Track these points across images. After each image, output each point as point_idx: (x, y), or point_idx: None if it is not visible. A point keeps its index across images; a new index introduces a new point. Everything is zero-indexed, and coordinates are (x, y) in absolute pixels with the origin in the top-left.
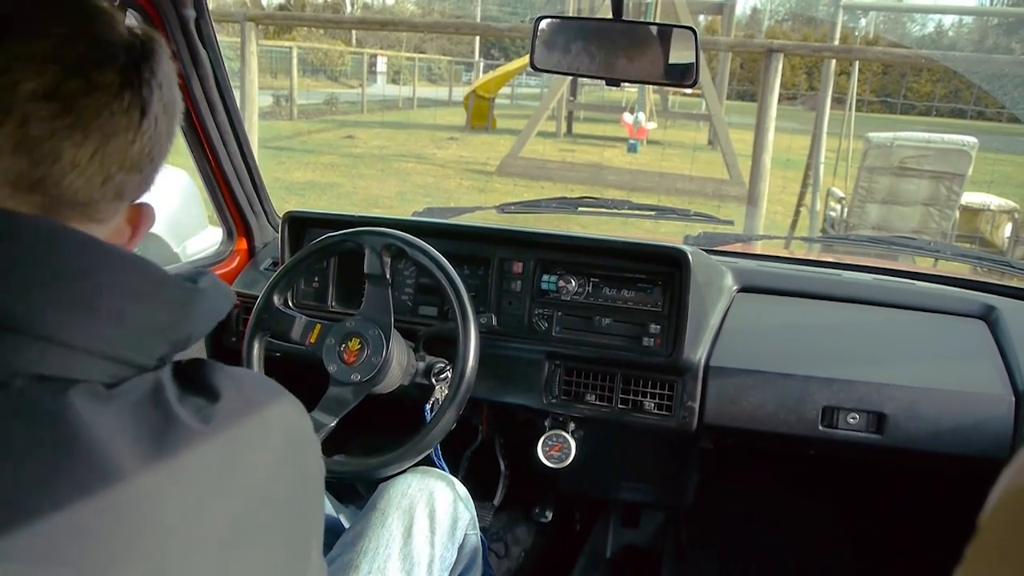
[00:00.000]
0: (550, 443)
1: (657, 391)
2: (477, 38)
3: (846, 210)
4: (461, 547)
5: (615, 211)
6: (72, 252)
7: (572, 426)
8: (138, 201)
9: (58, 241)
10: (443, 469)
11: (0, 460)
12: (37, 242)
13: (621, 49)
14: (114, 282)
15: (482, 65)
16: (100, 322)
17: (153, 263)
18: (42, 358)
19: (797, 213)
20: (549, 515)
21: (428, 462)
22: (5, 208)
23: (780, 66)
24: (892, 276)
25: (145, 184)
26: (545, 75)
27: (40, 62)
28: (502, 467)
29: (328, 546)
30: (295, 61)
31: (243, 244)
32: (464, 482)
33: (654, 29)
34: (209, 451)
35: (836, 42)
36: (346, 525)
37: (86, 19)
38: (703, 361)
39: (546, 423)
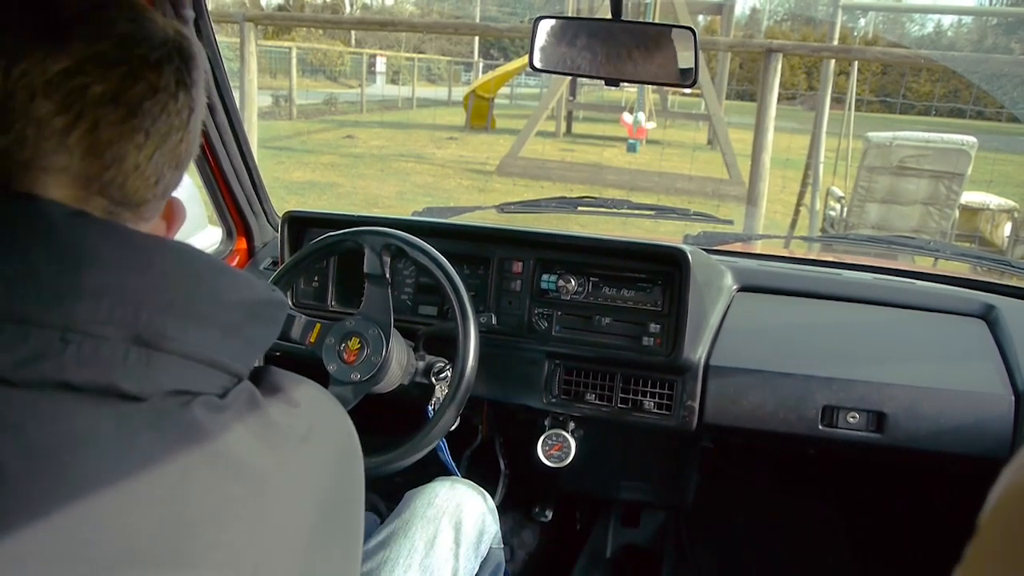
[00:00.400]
0: (550, 442)
1: (657, 390)
2: (476, 38)
3: (846, 209)
4: (485, 561)
5: (615, 211)
6: (205, 272)
7: (572, 425)
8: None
9: (194, 261)
10: (451, 467)
11: (138, 469)
12: (176, 264)
13: (620, 49)
14: (237, 300)
15: (481, 65)
16: (227, 339)
17: (256, 280)
18: (182, 374)
19: (797, 212)
20: (549, 514)
21: (430, 462)
22: (138, 230)
23: (779, 66)
24: (892, 275)
25: (181, 179)
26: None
27: (106, 65)
28: (502, 466)
29: None
30: (294, 61)
31: (243, 244)
32: (464, 479)
33: (653, 29)
34: (301, 453)
35: (835, 42)
36: None
37: (139, 19)
38: (703, 360)
39: (546, 422)
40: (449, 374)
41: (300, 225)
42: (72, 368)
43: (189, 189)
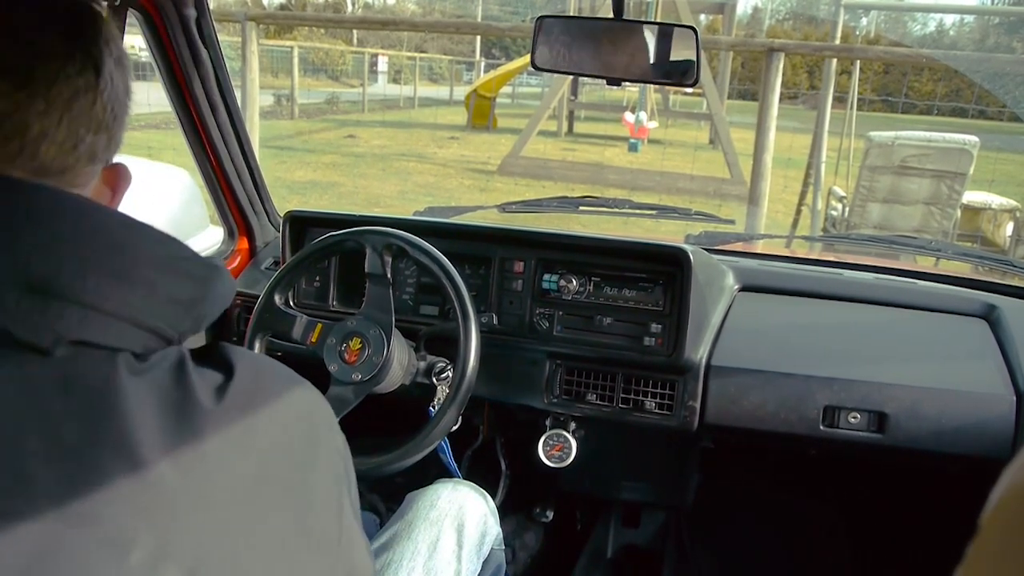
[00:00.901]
0: (551, 443)
1: (658, 391)
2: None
3: (847, 209)
4: (486, 562)
5: (616, 210)
6: (110, 226)
7: (573, 426)
8: (112, 162)
9: (97, 215)
10: (453, 468)
11: (40, 425)
12: (80, 217)
13: (622, 48)
14: (147, 254)
15: (483, 64)
16: (135, 291)
17: (177, 239)
18: (82, 324)
19: (798, 212)
20: (550, 515)
21: (431, 463)
22: (47, 184)
23: (781, 65)
24: (893, 275)
25: (113, 143)
26: (546, 74)
27: None
28: (503, 467)
29: None
30: (296, 61)
31: (244, 243)
32: (466, 481)
33: (655, 28)
34: (221, 430)
35: (837, 41)
36: None
37: None
38: (704, 360)
39: (547, 422)
40: (450, 374)
41: (301, 225)
42: None
43: (191, 189)
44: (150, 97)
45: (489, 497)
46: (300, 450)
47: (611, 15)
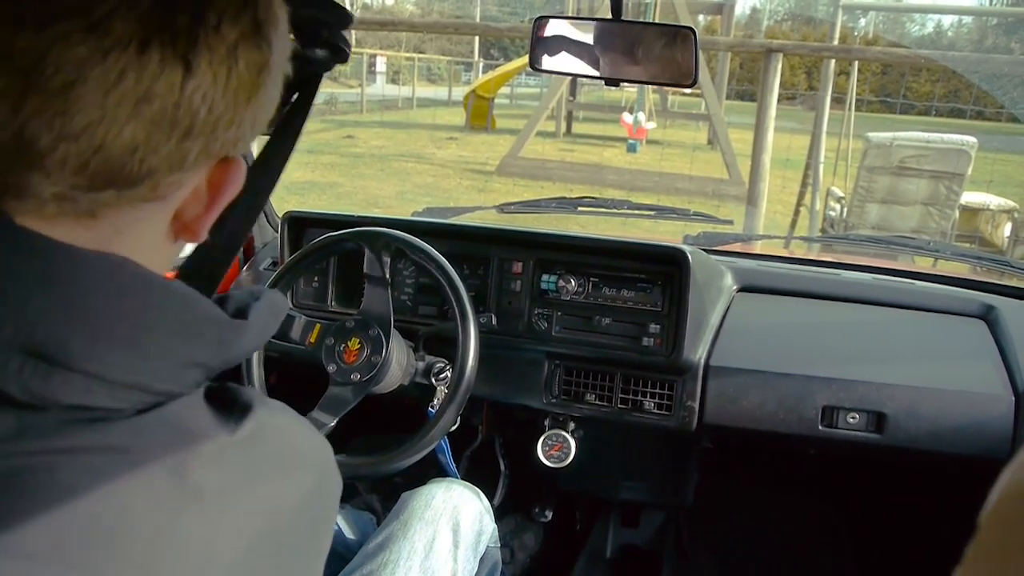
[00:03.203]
0: (550, 443)
1: (657, 391)
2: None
3: (845, 210)
4: (482, 560)
5: (614, 211)
6: (128, 289)
7: (572, 426)
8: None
9: (117, 277)
10: (451, 468)
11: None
12: (96, 278)
13: (620, 49)
14: (164, 320)
15: (481, 65)
16: (147, 359)
17: (203, 299)
18: (86, 392)
19: (797, 213)
20: (549, 515)
21: (430, 462)
22: (63, 242)
23: (779, 66)
24: (892, 276)
25: (200, 150)
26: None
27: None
28: (502, 467)
29: (341, 558)
30: None
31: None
32: (461, 480)
33: (653, 29)
34: (231, 467)
35: (835, 42)
36: (348, 535)
37: None
38: (703, 361)
39: (546, 423)
40: (449, 374)
41: (300, 225)
42: None
43: None
44: None
45: (484, 496)
46: (315, 499)
47: (609, 16)
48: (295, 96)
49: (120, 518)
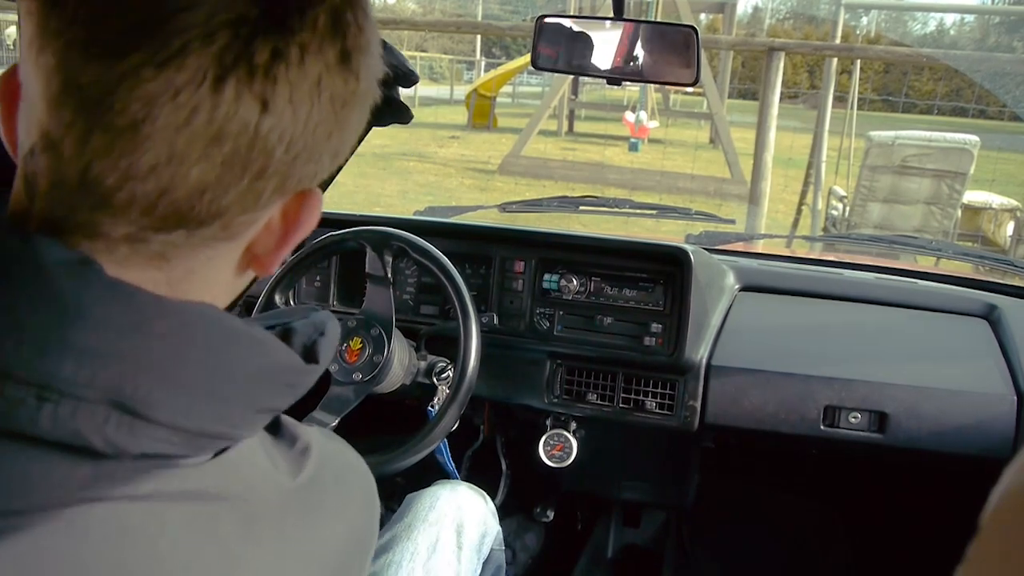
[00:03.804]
0: (551, 442)
1: (659, 390)
2: (478, 37)
3: (848, 209)
4: (486, 563)
5: (616, 210)
6: (213, 339)
7: (573, 425)
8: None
9: (201, 327)
10: (450, 468)
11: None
12: (179, 328)
13: (622, 48)
14: (245, 370)
15: (483, 64)
16: (228, 409)
17: (280, 345)
18: (166, 443)
19: (799, 212)
20: (550, 515)
21: (431, 462)
22: (151, 292)
23: (781, 65)
24: (894, 275)
25: (293, 183)
26: (546, 74)
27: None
28: (503, 467)
29: None
30: None
31: None
32: (465, 482)
33: (655, 28)
34: (293, 513)
35: (838, 41)
36: None
37: None
38: (705, 360)
39: (547, 422)
40: (451, 374)
41: None
42: (46, 425)
43: None
44: None
45: (488, 498)
46: (367, 526)
47: (611, 14)
48: None
49: (184, 565)
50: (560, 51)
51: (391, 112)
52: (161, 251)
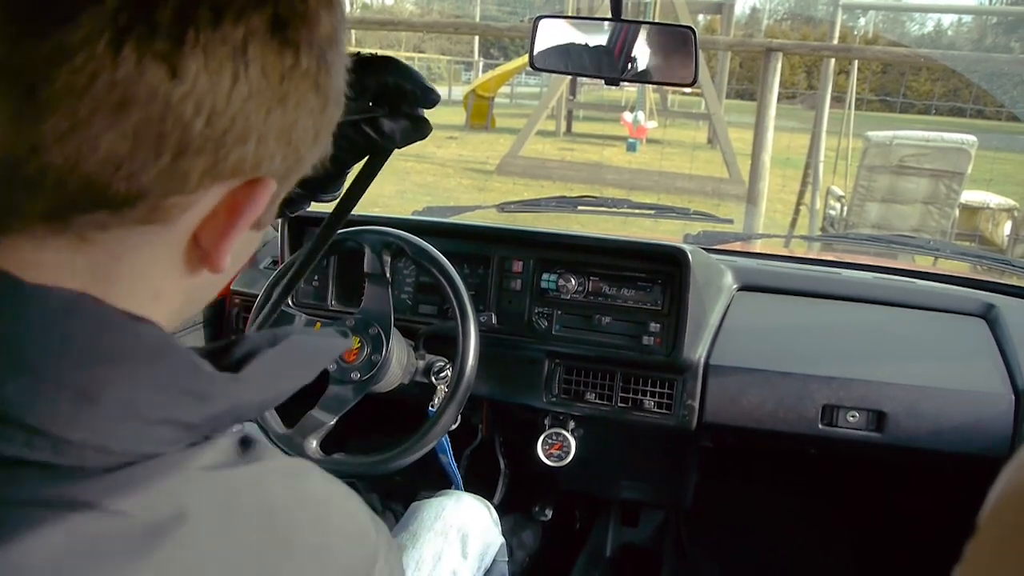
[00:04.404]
0: (550, 442)
1: (657, 390)
2: (476, 38)
3: (846, 209)
4: (488, 573)
5: (615, 210)
6: (82, 332)
7: (572, 425)
8: (257, 176)
9: (69, 317)
10: (452, 468)
11: None
12: (46, 317)
13: (620, 49)
14: (126, 371)
15: (481, 64)
16: (102, 414)
17: (179, 347)
18: (25, 446)
19: (797, 212)
20: (549, 514)
21: (431, 462)
22: (5, 270)
23: (779, 65)
24: (892, 274)
25: (231, 164)
26: (544, 74)
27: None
28: (502, 466)
29: None
30: None
31: None
32: (464, 481)
33: (653, 28)
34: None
35: (835, 41)
36: None
37: None
38: (703, 360)
39: (546, 422)
40: (449, 373)
41: (300, 224)
42: None
43: None
44: None
45: (492, 508)
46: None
47: (609, 15)
48: (365, 159)
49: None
50: (558, 52)
51: (416, 129)
52: (81, 233)
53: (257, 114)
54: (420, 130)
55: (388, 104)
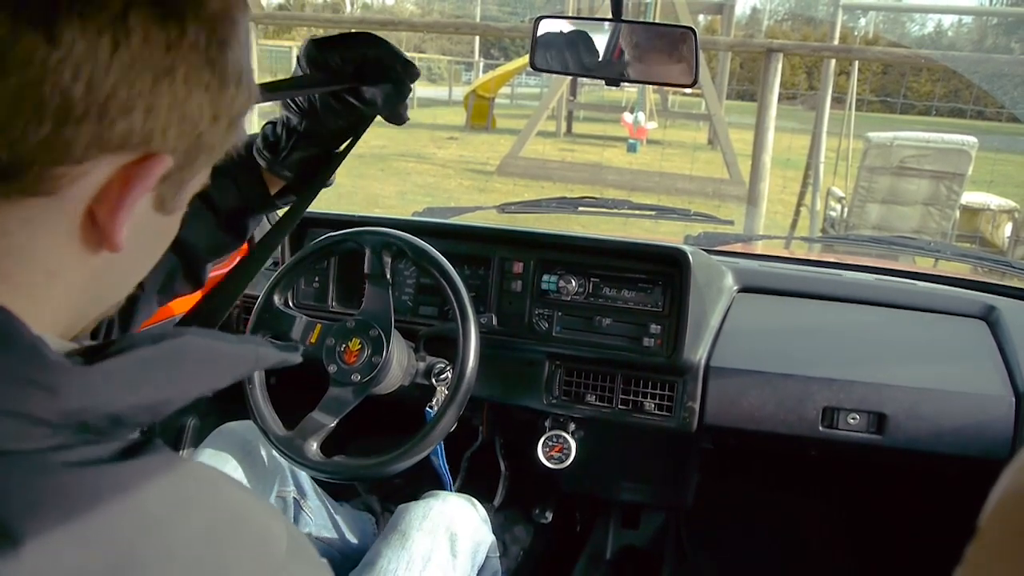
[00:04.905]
0: (550, 443)
1: (657, 391)
2: (477, 38)
3: (846, 210)
4: (481, 570)
5: (615, 211)
6: None
7: (572, 426)
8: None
9: None
10: (444, 471)
11: None
12: None
13: (621, 49)
14: None
15: (482, 65)
16: None
17: (24, 332)
18: None
19: (797, 213)
20: (549, 516)
21: (429, 464)
22: None
23: (780, 66)
24: (892, 276)
25: (117, 134)
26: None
27: None
28: (502, 468)
29: (343, 559)
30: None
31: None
32: (464, 483)
33: (653, 29)
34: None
35: (836, 42)
36: (348, 536)
37: None
38: (703, 361)
39: (546, 423)
40: (449, 375)
41: (301, 225)
42: None
43: None
44: None
45: (480, 505)
46: None
47: (609, 16)
48: (348, 140)
49: None
50: (558, 52)
51: (398, 92)
52: None
53: (142, 83)
54: (401, 92)
55: (370, 76)
